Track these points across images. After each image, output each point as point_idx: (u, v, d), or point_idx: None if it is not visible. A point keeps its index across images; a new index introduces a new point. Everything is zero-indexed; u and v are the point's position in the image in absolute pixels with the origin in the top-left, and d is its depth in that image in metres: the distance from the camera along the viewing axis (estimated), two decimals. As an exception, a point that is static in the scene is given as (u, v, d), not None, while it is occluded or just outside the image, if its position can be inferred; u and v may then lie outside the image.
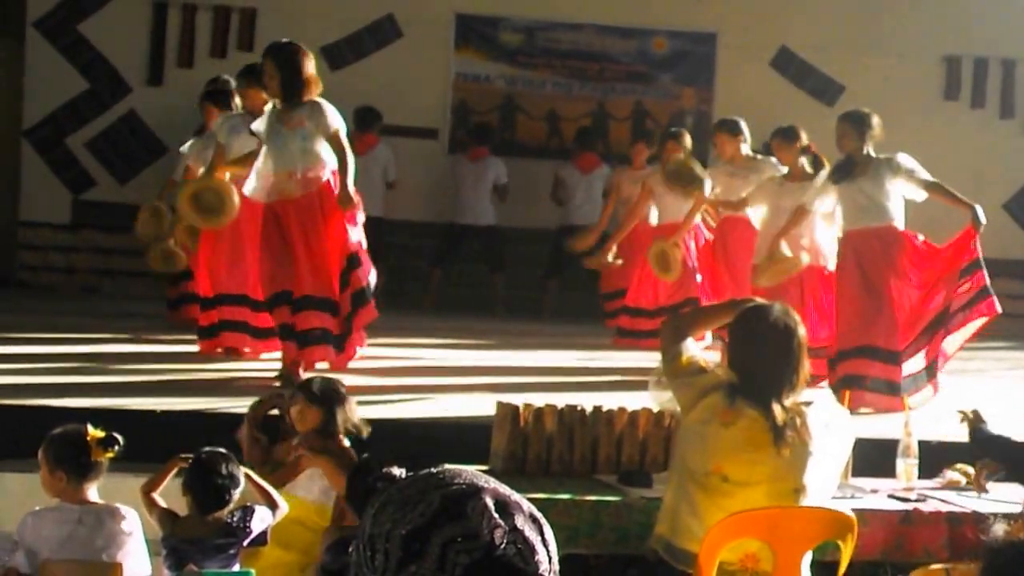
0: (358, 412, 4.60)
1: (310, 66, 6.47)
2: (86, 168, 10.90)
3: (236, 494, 4.10)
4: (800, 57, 11.63)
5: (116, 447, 3.92)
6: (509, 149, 11.29)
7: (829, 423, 3.74)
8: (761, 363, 3.70)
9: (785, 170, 7.63)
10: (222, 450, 4.16)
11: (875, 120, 6.85)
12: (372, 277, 6.62)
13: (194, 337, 7.76)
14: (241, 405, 5.52)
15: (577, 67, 11.57)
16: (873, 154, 6.82)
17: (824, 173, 7.10)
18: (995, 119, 11.88)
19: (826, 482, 3.74)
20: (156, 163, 10.72)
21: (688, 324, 4.03)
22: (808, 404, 3.74)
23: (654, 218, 8.88)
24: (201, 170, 7.49)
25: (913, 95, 11.33)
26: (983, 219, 6.61)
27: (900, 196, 6.78)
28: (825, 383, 6.73)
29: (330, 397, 4.53)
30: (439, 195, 11.06)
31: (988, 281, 6.65)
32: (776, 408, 3.64)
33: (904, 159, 6.80)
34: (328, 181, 6.49)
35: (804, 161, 7.48)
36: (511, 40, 11.49)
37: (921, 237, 6.82)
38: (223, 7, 10.94)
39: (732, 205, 7.94)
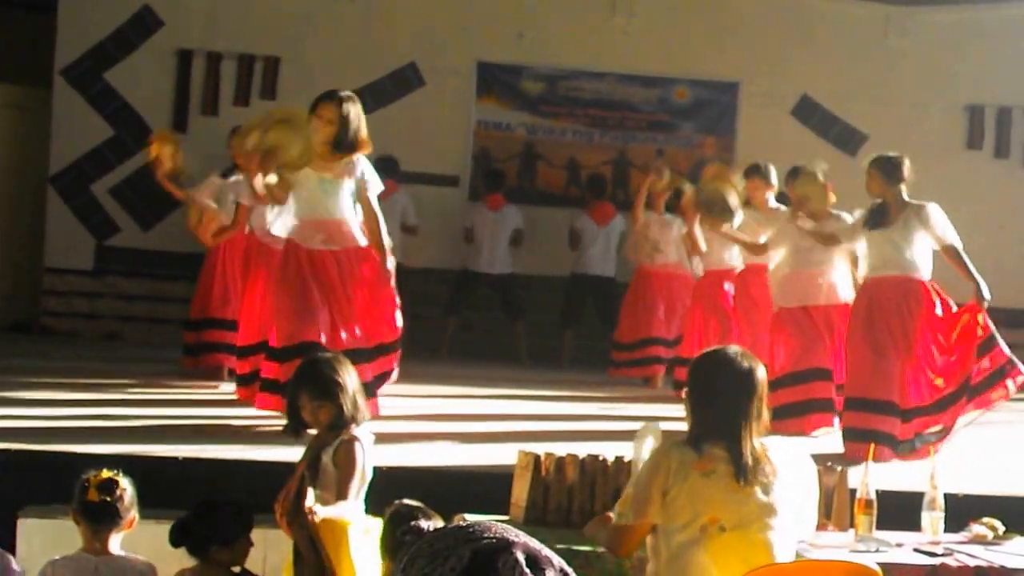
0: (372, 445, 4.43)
1: (365, 128, 6.43)
2: (110, 214, 10.97)
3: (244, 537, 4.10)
4: (822, 106, 11.65)
5: (113, 492, 3.90)
6: (528, 197, 11.33)
7: (790, 460, 3.77)
8: (724, 403, 3.70)
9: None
10: (211, 500, 4.17)
11: (905, 163, 6.80)
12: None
13: (215, 384, 7.79)
14: (263, 453, 5.52)
15: (598, 116, 11.62)
16: (907, 198, 6.79)
17: (857, 214, 7.04)
18: (1019, 168, 11.86)
19: (803, 514, 3.76)
20: (179, 210, 10.77)
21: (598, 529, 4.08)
22: (766, 444, 3.76)
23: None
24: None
25: (936, 144, 11.32)
26: (987, 295, 6.56)
27: (927, 247, 6.74)
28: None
29: (332, 388, 4.28)
30: (461, 242, 11.08)
31: (1009, 353, 6.62)
32: (744, 444, 3.64)
33: (934, 211, 6.72)
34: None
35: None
36: (533, 89, 11.55)
37: (941, 293, 6.76)
38: (247, 55, 11.04)
39: (754, 249, 7.87)
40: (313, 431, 4.45)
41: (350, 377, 4.35)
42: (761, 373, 3.76)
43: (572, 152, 11.60)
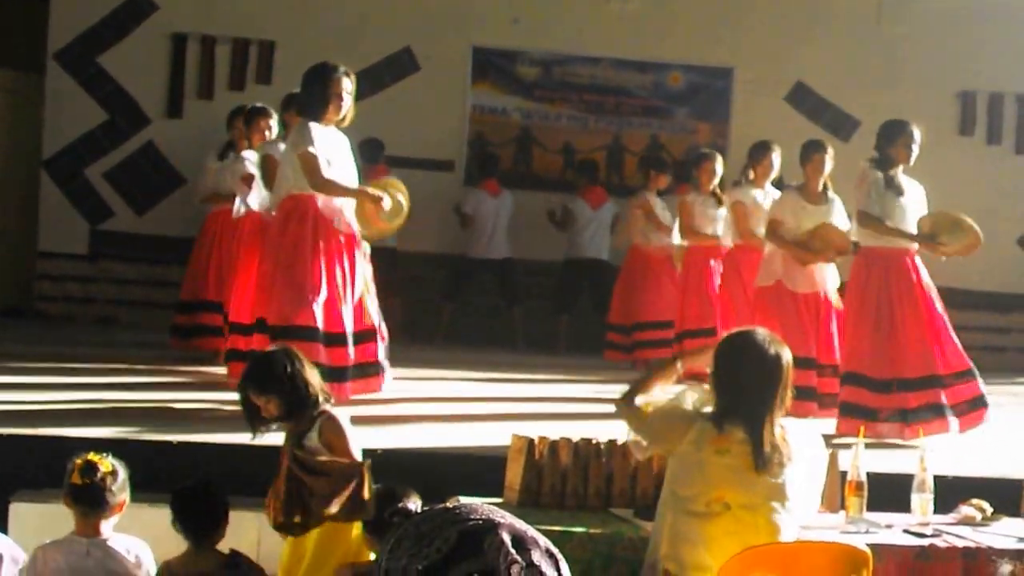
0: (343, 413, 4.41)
1: None
2: (104, 199, 10.97)
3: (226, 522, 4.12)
4: (816, 92, 11.65)
5: (95, 475, 3.92)
6: (524, 182, 11.34)
7: (805, 443, 3.81)
8: (749, 386, 3.72)
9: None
10: (205, 480, 4.19)
11: None
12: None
13: (211, 369, 7.80)
14: (258, 437, 5.53)
15: (593, 101, 11.62)
16: None
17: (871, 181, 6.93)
18: (1011, 154, 11.87)
19: (808, 498, 3.80)
20: (174, 194, 10.80)
21: (638, 393, 4.07)
22: (784, 427, 3.80)
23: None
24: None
25: (928, 130, 11.23)
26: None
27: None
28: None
29: (272, 381, 4.24)
30: (456, 227, 11.09)
31: (984, 391, 6.69)
32: (765, 431, 3.68)
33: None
34: None
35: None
36: (528, 73, 11.55)
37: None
38: (242, 40, 11.02)
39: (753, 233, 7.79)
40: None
41: (294, 367, 4.28)
42: (787, 358, 3.78)
43: (567, 137, 11.61)
